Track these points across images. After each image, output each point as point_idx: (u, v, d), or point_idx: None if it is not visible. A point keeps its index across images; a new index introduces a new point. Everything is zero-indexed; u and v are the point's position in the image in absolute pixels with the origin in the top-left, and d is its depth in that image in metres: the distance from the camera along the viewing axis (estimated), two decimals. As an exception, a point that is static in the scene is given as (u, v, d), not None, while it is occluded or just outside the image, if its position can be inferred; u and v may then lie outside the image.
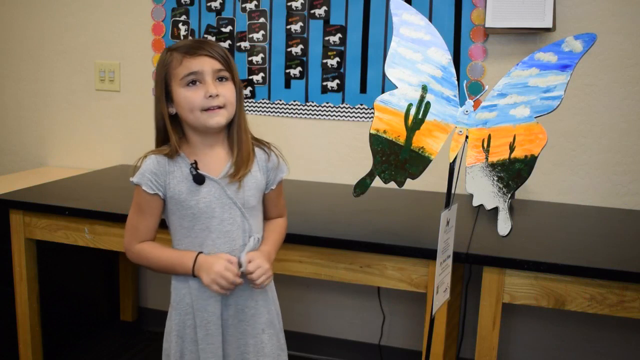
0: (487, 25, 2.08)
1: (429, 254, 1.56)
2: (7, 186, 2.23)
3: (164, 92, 1.33)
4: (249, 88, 2.45)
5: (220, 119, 1.31)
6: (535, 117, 1.21)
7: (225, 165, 1.36)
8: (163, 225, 1.42)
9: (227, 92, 1.32)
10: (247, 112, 2.42)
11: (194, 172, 1.33)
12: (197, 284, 1.36)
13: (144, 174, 1.34)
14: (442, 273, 1.30)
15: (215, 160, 1.36)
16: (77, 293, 2.53)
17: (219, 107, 1.30)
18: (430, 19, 2.11)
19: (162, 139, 1.38)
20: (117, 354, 2.52)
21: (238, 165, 1.35)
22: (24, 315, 2.06)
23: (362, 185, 1.38)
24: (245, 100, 2.46)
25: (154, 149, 1.38)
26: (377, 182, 1.36)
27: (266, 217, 1.47)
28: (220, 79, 1.32)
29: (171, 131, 1.34)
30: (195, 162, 1.33)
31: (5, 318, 2.17)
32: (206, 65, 1.30)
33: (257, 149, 1.41)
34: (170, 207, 1.36)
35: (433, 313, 1.32)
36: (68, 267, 2.44)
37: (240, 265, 1.32)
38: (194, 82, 1.30)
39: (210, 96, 1.29)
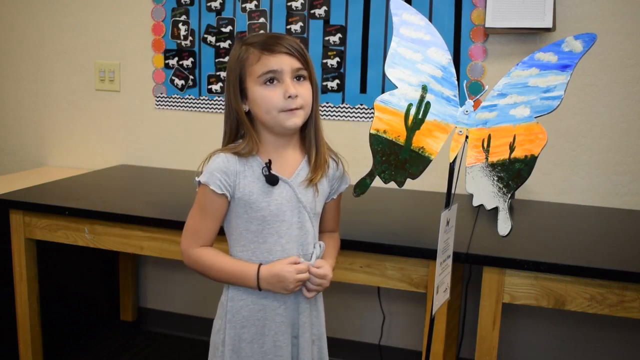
0: (487, 25, 2.08)
1: (429, 254, 1.55)
2: (7, 186, 2.23)
3: (238, 88, 1.28)
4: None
5: (297, 120, 1.26)
6: (535, 117, 1.21)
7: (297, 168, 1.32)
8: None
9: (305, 92, 1.26)
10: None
11: (267, 173, 1.27)
12: (263, 295, 1.30)
13: (213, 172, 1.26)
14: (442, 273, 1.30)
15: (288, 161, 1.31)
16: (77, 293, 2.53)
17: (297, 108, 1.25)
18: (430, 19, 2.11)
19: (232, 138, 1.31)
20: (117, 354, 2.52)
21: (316, 168, 1.31)
22: (24, 315, 2.06)
23: (362, 185, 1.38)
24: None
25: (221, 148, 1.31)
26: (377, 182, 1.36)
27: (321, 229, 1.42)
28: (298, 77, 1.26)
29: (251, 129, 1.28)
30: (270, 162, 1.28)
31: (5, 318, 2.17)
32: (285, 63, 1.24)
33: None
34: (237, 210, 1.29)
35: (433, 313, 1.32)
36: (68, 267, 2.44)
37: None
38: (271, 81, 1.24)
39: (289, 97, 1.23)
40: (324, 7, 2.31)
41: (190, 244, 1.31)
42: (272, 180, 1.28)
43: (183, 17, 2.51)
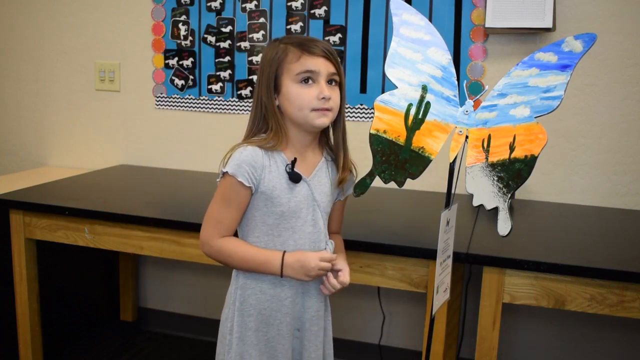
0: (487, 25, 2.08)
1: (429, 254, 1.55)
2: (7, 186, 2.23)
3: (273, 84, 1.31)
4: (249, 88, 2.45)
5: (326, 120, 1.31)
6: (535, 117, 1.21)
7: (316, 168, 1.36)
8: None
9: (335, 96, 1.32)
10: (246, 111, 2.43)
11: (290, 170, 1.32)
12: (272, 284, 1.35)
13: (241, 164, 1.29)
14: (442, 273, 1.30)
15: (308, 160, 1.36)
16: (77, 293, 2.53)
17: (328, 110, 1.30)
18: (430, 19, 2.11)
19: (257, 130, 1.35)
20: (117, 354, 2.52)
21: (344, 169, 1.37)
22: (24, 315, 2.06)
23: (362, 185, 1.38)
24: (245, 100, 2.46)
25: (247, 140, 1.34)
26: (377, 182, 1.36)
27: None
28: (331, 82, 1.31)
29: (282, 123, 1.32)
30: (295, 160, 1.32)
31: (5, 318, 2.17)
32: (323, 66, 1.29)
33: None
34: (257, 203, 1.33)
35: (433, 313, 1.32)
36: (68, 267, 2.44)
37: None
38: (307, 80, 1.29)
39: (322, 98, 1.28)
40: (324, 7, 2.31)
41: (213, 235, 1.33)
42: (295, 177, 1.32)
43: (183, 17, 2.50)
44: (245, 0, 2.41)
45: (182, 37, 2.52)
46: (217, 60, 2.48)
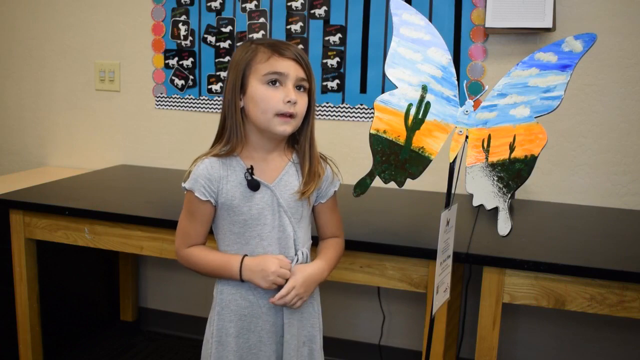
0: (487, 25, 2.08)
1: (429, 254, 1.55)
2: (7, 186, 2.23)
3: (240, 83, 1.28)
4: (249, 88, 2.45)
5: (288, 127, 1.27)
6: (535, 117, 1.21)
7: (281, 173, 1.33)
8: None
9: (301, 103, 1.28)
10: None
11: (249, 178, 1.29)
12: (250, 290, 1.32)
13: (197, 179, 1.30)
14: (442, 273, 1.30)
15: (271, 165, 1.33)
16: (77, 293, 2.53)
17: (291, 116, 1.27)
18: (430, 19, 2.11)
19: (222, 133, 1.33)
20: (117, 354, 2.52)
21: (309, 182, 1.33)
22: (24, 315, 2.06)
23: (362, 185, 1.38)
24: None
25: (206, 152, 1.33)
26: (377, 182, 1.36)
27: (321, 236, 1.44)
28: (299, 87, 1.28)
29: (240, 124, 1.29)
30: (252, 167, 1.30)
31: (5, 318, 2.17)
32: (292, 69, 1.26)
33: None
34: (221, 212, 1.32)
35: (433, 313, 1.32)
36: (68, 267, 2.44)
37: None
38: (274, 82, 1.26)
39: (288, 102, 1.25)
40: (324, 7, 2.31)
41: (181, 246, 1.36)
42: (253, 185, 1.30)
43: (183, 17, 2.51)
44: (245, 0, 2.41)
45: (182, 37, 2.52)
46: (217, 60, 2.48)
